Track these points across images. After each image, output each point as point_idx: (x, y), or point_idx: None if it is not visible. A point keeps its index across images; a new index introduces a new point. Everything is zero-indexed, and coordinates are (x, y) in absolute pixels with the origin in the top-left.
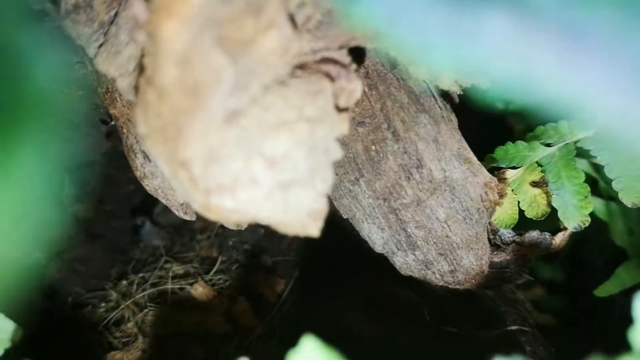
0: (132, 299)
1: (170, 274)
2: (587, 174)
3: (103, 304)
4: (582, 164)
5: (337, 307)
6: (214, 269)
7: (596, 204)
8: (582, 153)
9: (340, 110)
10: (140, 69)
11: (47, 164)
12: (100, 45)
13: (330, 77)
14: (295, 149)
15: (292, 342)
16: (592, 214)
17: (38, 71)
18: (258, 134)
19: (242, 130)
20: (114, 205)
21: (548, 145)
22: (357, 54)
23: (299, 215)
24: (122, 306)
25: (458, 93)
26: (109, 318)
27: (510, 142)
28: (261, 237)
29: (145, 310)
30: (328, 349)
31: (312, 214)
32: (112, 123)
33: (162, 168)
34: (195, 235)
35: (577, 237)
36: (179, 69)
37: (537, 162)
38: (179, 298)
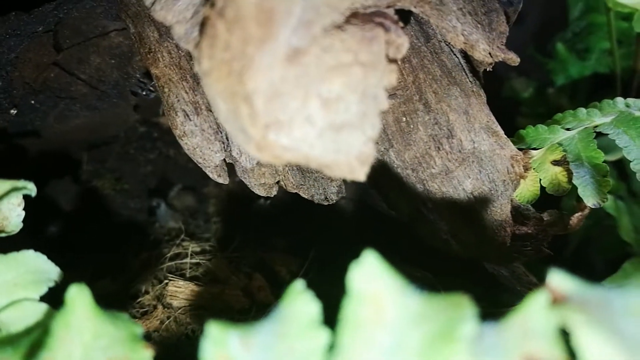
0: (151, 271)
1: (188, 251)
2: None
3: (122, 275)
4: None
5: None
6: (231, 248)
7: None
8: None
9: (389, 61)
10: (211, 4)
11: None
12: None
13: (384, 28)
14: (349, 92)
15: None
16: (599, 213)
17: None
18: (316, 75)
19: (302, 69)
20: (132, 184)
21: (567, 129)
22: (402, 16)
23: (349, 157)
24: (142, 277)
25: (489, 69)
26: (128, 288)
27: (531, 126)
28: (275, 218)
29: (165, 282)
30: (389, 264)
31: (361, 158)
32: (143, 94)
33: (220, 106)
34: (211, 218)
35: (582, 237)
36: None
37: (558, 143)
38: (197, 273)
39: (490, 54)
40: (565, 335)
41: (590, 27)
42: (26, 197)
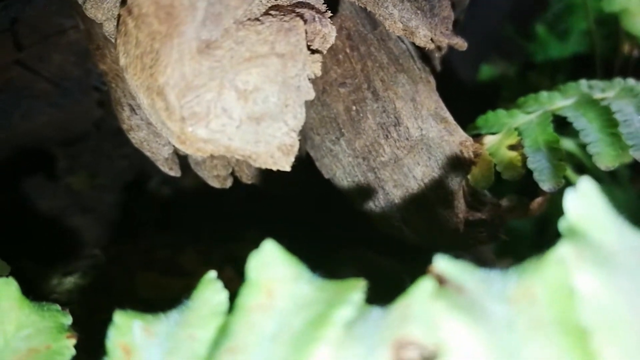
0: (121, 265)
1: (160, 244)
2: (572, 154)
3: (93, 270)
4: (569, 144)
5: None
6: (202, 240)
7: None
8: (571, 134)
9: (314, 52)
10: (122, 2)
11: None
12: None
13: (304, 19)
14: (267, 83)
15: None
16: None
17: None
18: (231, 67)
19: (215, 62)
20: (107, 179)
21: (528, 113)
22: (332, 3)
23: (270, 148)
24: (111, 271)
25: (438, 55)
26: (97, 282)
27: (491, 111)
28: (249, 210)
29: (134, 276)
30: (287, 253)
31: (284, 148)
32: (105, 89)
33: (142, 101)
34: (187, 210)
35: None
36: None
37: (515, 128)
38: (168, 266)
39: (432, 39)
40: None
41: (570, 8)
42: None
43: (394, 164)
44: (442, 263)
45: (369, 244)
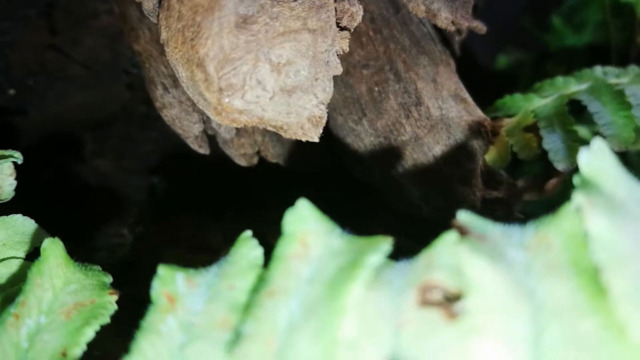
0: (148, 244)
1: (185, 224)
2: (586, 141)
3: (119, 248)
4: (583, 131)
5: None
6: (226, 219)
7: None
8: (584, 121)
9: (342, 29)
10: None
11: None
12: None
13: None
14: (299, 57)
15: None
16: None
17: None
18: (266, 41)
19: (251, 36)
20: (133, 162)
21: (544, 97)
22: None
23: (301, 119)
24: (138, 249)
25: (458, 38)
26: (123, 260)
27: (508, 95)
28: (270, 190)
29: (160, 253)
30: (319, 211)
31: (313, 120)
32: (135, 72)
33: (181, 73)
34: (210, 191)
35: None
36: None
37: (531, 111)
38: (193, 244)
39: (453, 22)
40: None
41: (586, 0)
42: (24, 173)
43: (414, 143)
44: (464, 216)
45: (385, 223)
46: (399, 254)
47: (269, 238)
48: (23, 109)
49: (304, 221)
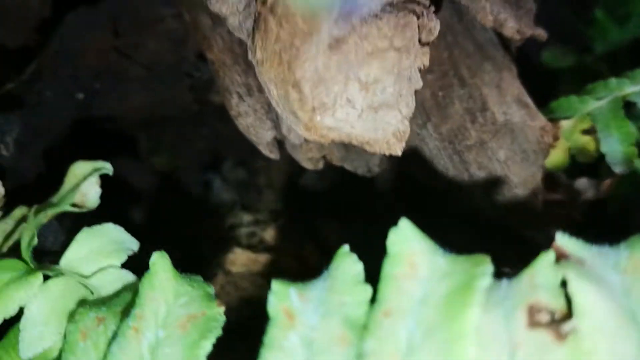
0: (209, 241)
1: (243, 221)
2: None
3: (181, 244)
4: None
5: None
6: (282, 218)
7: None
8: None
9: (422, 44)
10: (262, 1)
11: None
12: None
13: (416, 14)
14: (385, 75)
15: None
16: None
17: None
18: (355, 60)
19: (342, 56)
20: (187, 160)
21: (598, 99)
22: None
23: (386, 134)
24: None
25: (517, 44)
26: (188, 257)
27: (563, 96)
28: (323, 190)
29: (223, 251)
30: (420, 230)
31: (397, 134)
32: (197, 75)
33: (272, 91)
34: (262, 190)
35: (622, 203)
36: None
37: (588, 114)
38: (252, 242)
39: (518, 31)
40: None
41: None
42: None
43: (479, 147)
44: (563, 240)
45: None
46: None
47: (326, 234)
48: (89, 112)
49: (409, 241)
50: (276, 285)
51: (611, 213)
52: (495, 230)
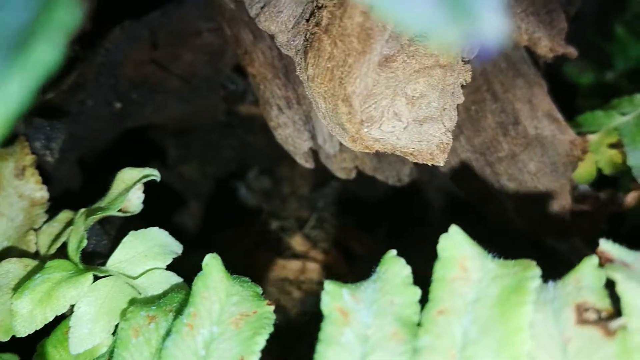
0: (239, 246)
1: (270, 228)
2: None
3: (210, 250)
4: None
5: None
6: (308, 225)
7: None
8: None
9: (464, 61)
10: (316, 23)
11: None
12: (263, 7)
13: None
14: (430, 90)
15: None
16: None
17: None
18: (403, 77)
19: (391, 73)
20: (214, 168)
21: (623, 114)
22: None
23: (430, 146)
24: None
25: (548, 61)
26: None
27: (589, 111)
28: (346, 199)
29: (252, 256)
30: (468, 236)
31: (441, 146)
32: (232, 87)
33: (321, 105)
34: (286, 198)
35: None
36: (362, 17)
37: (614, 128)
38: (280, 247)
39: (551, 49)
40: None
41: None
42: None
43: (510, 159)
44: (607, 245)
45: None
46: None
47: (351, 242)
48: (125, 121)
49: (459, 246)
50: (329, 286)
51: (631, 224)
52: (524, 240)
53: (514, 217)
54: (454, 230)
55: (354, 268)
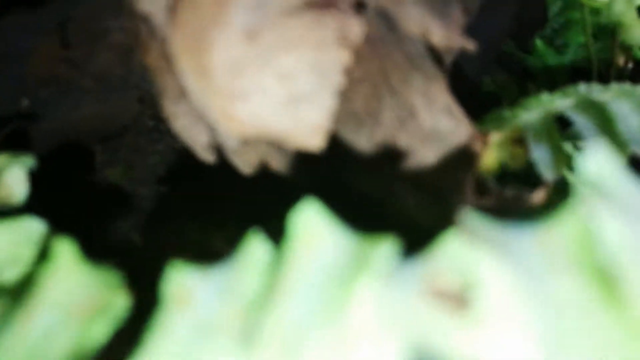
0: (156, 249)
1: (190, 230)
2: (570, 157)
3: (129, 252)
4: (567, 148)
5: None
6: (229, 225)
7: None
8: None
9: (344, 44)
10: None
11: None
12: None
13: (337, 10)
14: (303, 69)
15: None
16: None
17: None
18: (272, 52)
19: (258, 47)
20: (141, 173)
21: (529, 111)
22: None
23: (305, 128)
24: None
25: (450, 58)
26: (134, 264)
27: (495, 109)
28: (273, 200)
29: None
30: (326, 211)
31: (316, 129)
32: (146, 87)
33: (192, 84)
34: (212, 199)
35: None
36: None
37: (520, 125)
38: (200, 250)
39: (446, 39)
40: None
41: (568, 24)
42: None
43: (409, 154)
44: (463, 215)
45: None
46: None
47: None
48: (35, 119)
49: (310, 219)
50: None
51: None
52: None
53: (415, 214)
54: (306, 203)
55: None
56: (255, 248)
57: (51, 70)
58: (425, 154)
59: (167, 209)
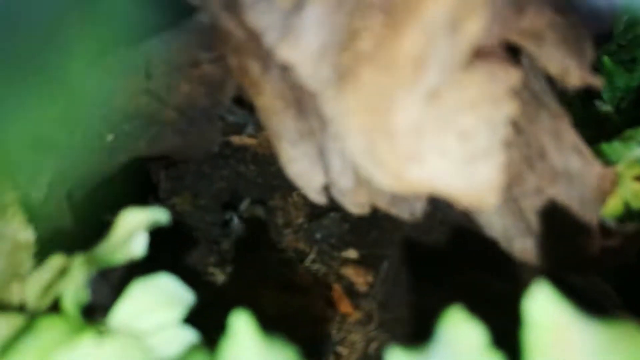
0: (240, 282)
1: (270, 262)
2: None
3: (209, 286)
4: None
5: (429, 297)
6: (307, 259)
7: None
8: None
9: (513, 95)
10: (353, 49)
11: None
12: (283, 35)
13: (501, 62)
14: (480, 127)
15: (390, 327)
16: None
17: None
18: (452, 112)
19: (438, 107)
20: (207, 200)
21: None
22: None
23: (481, 186)
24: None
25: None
26: (222, 298)
27: (605, 142)
28: (346, 231)
29: (253, 293)
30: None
31: (491, 186)
32: (231, 120)
33: (354, 141)
34: (281, 230)
35: None
36: (417, 41)
37: (636, 160)
38: (283, 283)
39: (581, 78)
40: None
41: (636, 39)
42: None
43: (536, 194)
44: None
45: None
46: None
47: (353, 277)
48: (117, 155)
49: (549, 308)
50: (394, 353)
51: None
52: (554, 279)
53: (541, 255)
54: (541, 288)
55: (359, 305)
56: (465, 331)
57: (133, 104)
58: (553, 195)
59: (239, 238)
